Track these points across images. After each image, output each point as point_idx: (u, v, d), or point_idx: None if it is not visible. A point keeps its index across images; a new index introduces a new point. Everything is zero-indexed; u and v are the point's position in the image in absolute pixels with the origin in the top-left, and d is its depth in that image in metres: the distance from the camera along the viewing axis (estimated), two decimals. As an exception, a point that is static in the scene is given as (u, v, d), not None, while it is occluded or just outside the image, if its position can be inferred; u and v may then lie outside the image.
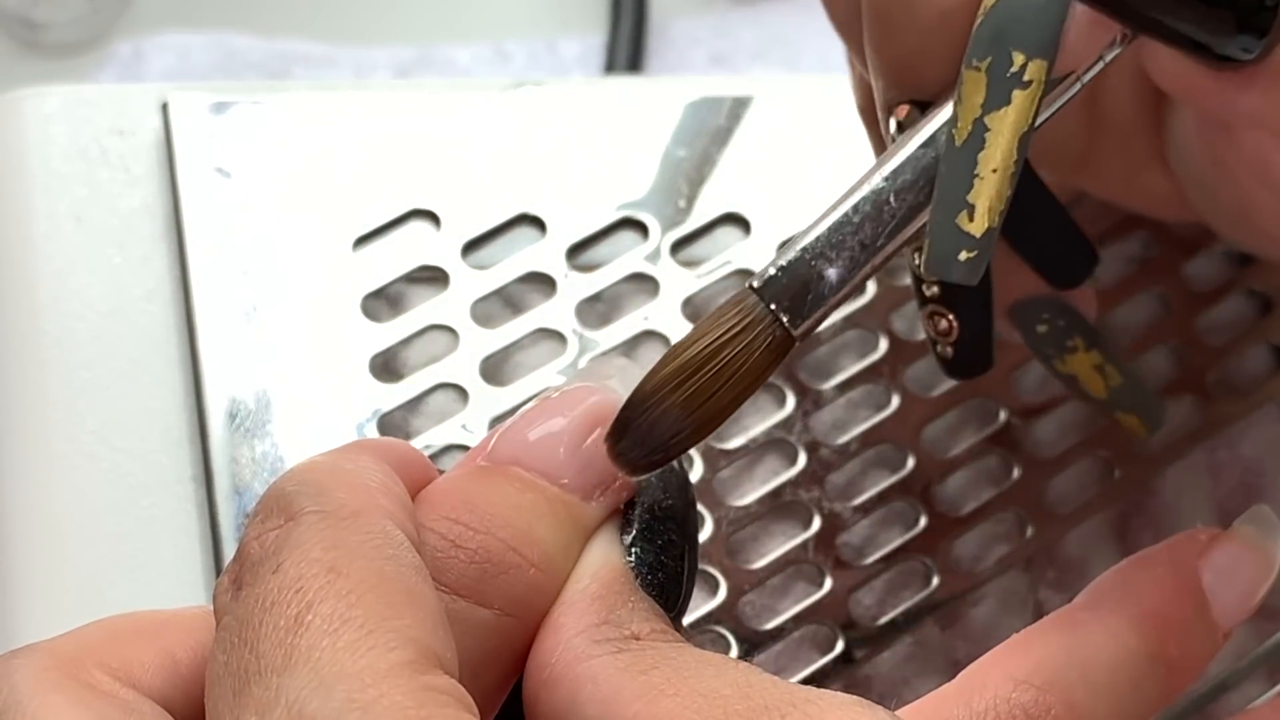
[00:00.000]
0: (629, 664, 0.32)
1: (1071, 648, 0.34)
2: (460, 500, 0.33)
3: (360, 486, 0.32)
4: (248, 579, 0.31)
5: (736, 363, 0.34)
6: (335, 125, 0.49)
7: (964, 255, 0.35)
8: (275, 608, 0.30)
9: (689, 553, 0.34)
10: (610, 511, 0.34)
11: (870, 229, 0.35)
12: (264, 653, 0.29)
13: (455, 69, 0.61)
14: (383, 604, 0.30)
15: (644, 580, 0.34)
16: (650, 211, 0.48)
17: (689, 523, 0.35)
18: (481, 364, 0.46)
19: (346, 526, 0.31)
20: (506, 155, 0.49)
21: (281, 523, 0.31)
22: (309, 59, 0.61)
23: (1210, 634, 0.36)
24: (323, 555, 0.30)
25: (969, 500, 0.46)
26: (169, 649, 0.32)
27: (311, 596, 0.30)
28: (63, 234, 0.47)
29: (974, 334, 0.41)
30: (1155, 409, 0.44)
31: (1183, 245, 0.49)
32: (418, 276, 0.47)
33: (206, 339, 0.46)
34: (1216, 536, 0.37)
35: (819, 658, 0.44)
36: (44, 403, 0.46)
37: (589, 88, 0.51)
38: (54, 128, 0.48)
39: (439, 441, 0.45)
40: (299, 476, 0.32)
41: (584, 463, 0.34)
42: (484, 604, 0.32)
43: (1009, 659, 0.34)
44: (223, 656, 0.30)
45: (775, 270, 0.35)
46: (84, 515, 0.44)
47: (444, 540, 0.33)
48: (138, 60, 0.60)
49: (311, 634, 0.29)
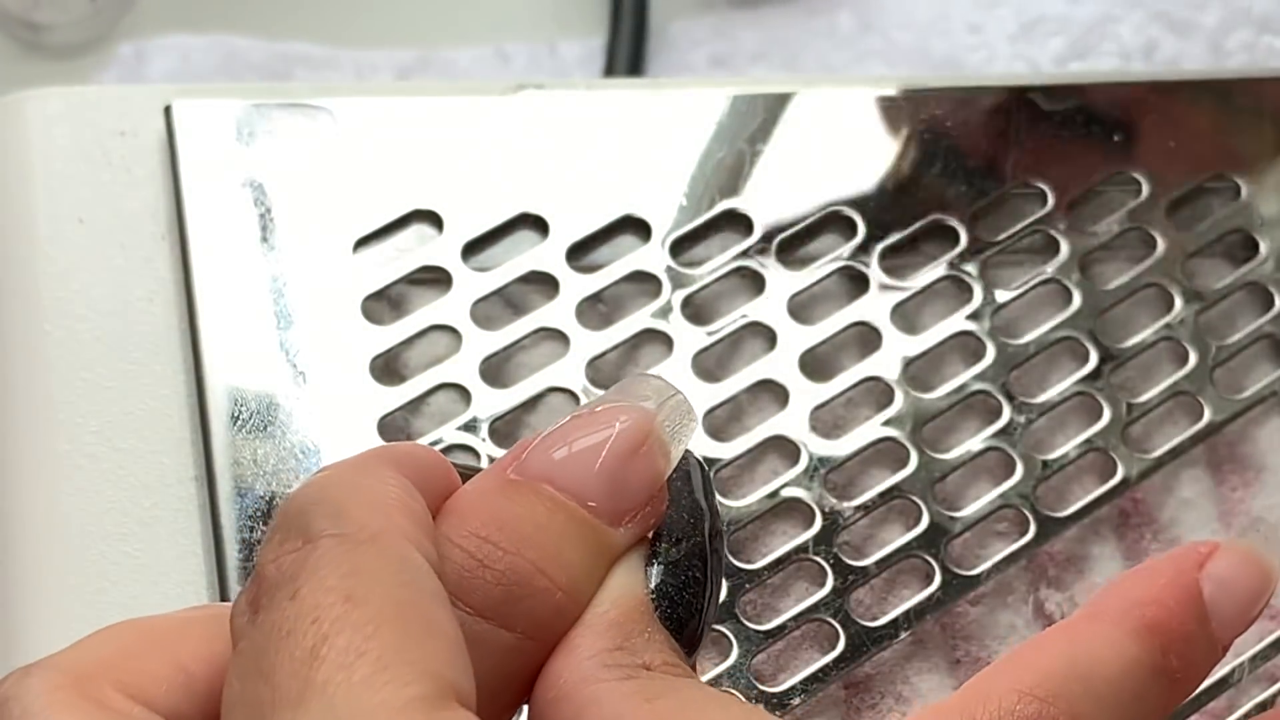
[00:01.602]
0: (635, 691, 0.32)
1: (1075, 659, 0.34)
2: (489, 517, 0.33)
3: (379, 505, 0.32)
4: (264, 603, 0.30)
5: None
6: (337, 127, 0.49)
7: None
8: (291, 637, 0.29)
9: (711, 590, 0.34)
10: (636, 539, 0.34)
11: None
12: (279, 684, 0.29)
13: (456, 71, 0.61)
14: (400, 635, 0.29)
15: (662, 613, 0.33)
16: (651, 212, 0.48)
17: (713, 560, 0.34)
18: (483, 365, 0.46)
19: (364, 551, 0.30)
20: (508, 156, 0.49)
21: (299, 545, 0.31)
22: (310, 61, 0.61)
23: (1211, 646, 0.36)
24: (339, 583, 0.30)
25: (969, 500, 0.46)
26: (182, 662, 0.32)
27: (328, 628, 0.29)
28: (65, 235, 0.47)
29: None
30: None
31: (1182, 244, 0.49)
32: (419, 278, 0.47)
33: (208, 340, 0.46)
34: (1216, 548, 0.37)
35: (819, 657, 0.44)
36: (46, 403, 0.46)
37: (589, 90, 0.51)
38: (56, 129, 0.48)
39: (440, 443, 0.45)
40: (317, 492, 0.32)
41: (615, 488, 0.33)
42: (507, 627, 0.32)
43: (1013, 671, 0.34)
44: (238, 684, 0.30)
45: None
46: (86, 516, 0.44)
47: (471, 559, 0.32)
48: (140, 62, 0.60)
49: (327, 667, 0.29)
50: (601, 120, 0.50)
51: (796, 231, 0.48)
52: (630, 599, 0.33)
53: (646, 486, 0.34)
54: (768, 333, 0.47)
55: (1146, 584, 0.36)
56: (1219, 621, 0.36)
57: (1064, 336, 0.48)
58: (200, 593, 0.44)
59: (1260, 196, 0.50)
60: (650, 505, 0.34)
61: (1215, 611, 0.36)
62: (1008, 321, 0.48)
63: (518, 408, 0.46)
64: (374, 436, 0.45)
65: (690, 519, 0.34)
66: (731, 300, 0.48)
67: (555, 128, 0.49)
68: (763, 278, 0.48)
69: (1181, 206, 0.50)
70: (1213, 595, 0.36)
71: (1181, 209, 0.50)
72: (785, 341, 0.47)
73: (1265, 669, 0.44)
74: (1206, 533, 0.46)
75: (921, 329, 0.48)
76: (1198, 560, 0.37)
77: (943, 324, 0.48)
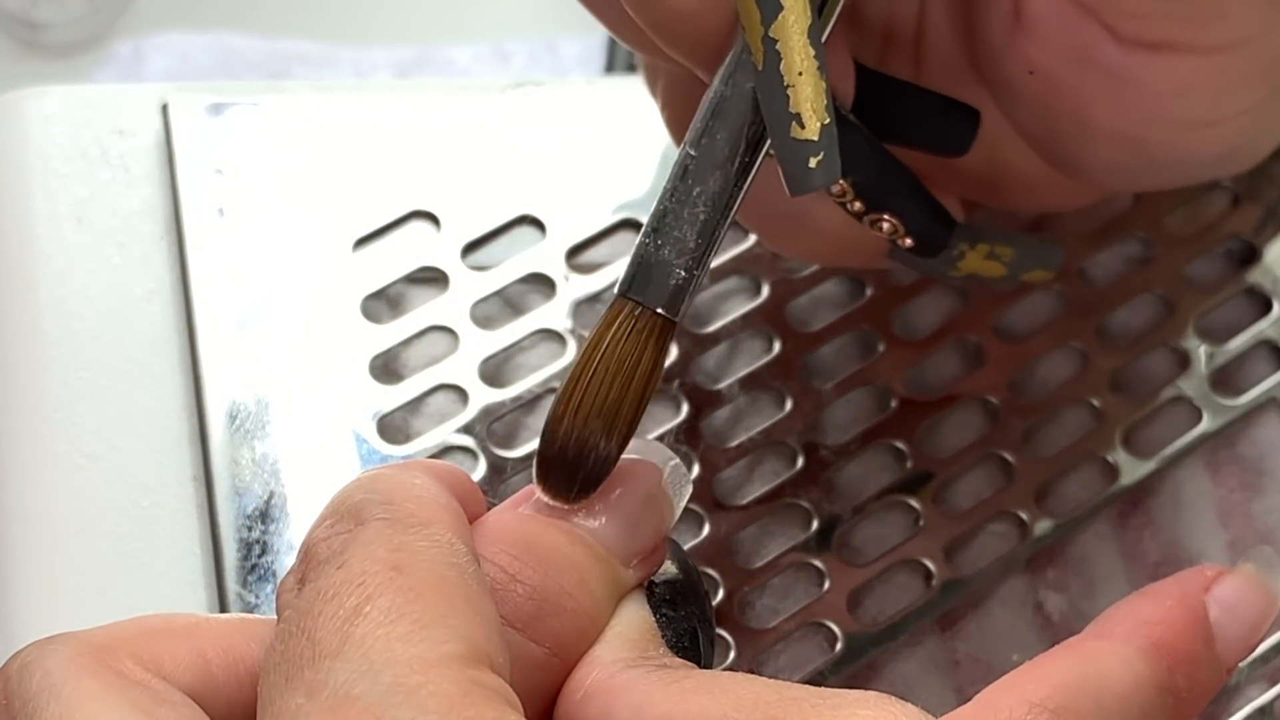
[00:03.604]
0: (663, 678, 0.33)
1: (1085, 674, 0.35)
2: (520, 537, 0.34)
3: (429, 501, 0.33)
4: (311, 575, 0.32)
5: (629, 365, 0.36)
6: (335, 126, 0.49)
7: (813, 161, 0.36)
8: (336, 599, 0.31)
9: (705, 634, 0.36)
10: (640, 582, 0.36)
11: (696, 191, 0.37)
12: (320, 639, 0.30)
13: (455, 69, 0.61)
14: (442, 602, 0.31)
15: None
16: (650, 212, 0.48)
17: (708, 609, 0.37)
18: (481, 365, 0.46)
19: (414, 532, 0.32)
20: (506, 156, 0.49)
21: (351, 527, 0.32)
22: (309, 59, 0.61)
23: (1216, 667, 0.37)
24: (388, 555, 0.31)
25: (969, 500, 0.46)
26: (201, 649, 0.33)
27: (372, 590, 0.30)
28: (63, 234, 0.47)
29: (918, 216, 0.41)
30: (1050, 253, 0.44)
31: (1183, 245, 0.49)
32: (418, 277, 0.47)
33: (206, 339, 0.46)
34: (1222, 573, 0.38)
35: (819, 658, 0.44)
36: (44, 403, 0.46)
37: (589, 88, 0.51)
38: (54, 128, 0.48)
39: (440, 443, 0.45)
40: (368, 485, 0.33)
41: (626, 531, 0.36)
42: (537, 640, 0.33)
43: (1023, 684, 0.35)
44: (280, 645, 0.31)
45: (629, 270, 0.36)
46: (84, 515, 0.44)
47: (504, 573, 0.34)
48: (138, 60, 0.60)
49: (368, 623, 0.30)
50: (601, 119, 0.50)
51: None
52: (642, 623, 0.35)
53: (654, 534, 0.36)
54: (765, 333, 0.47)
55: (1154, 605, 0.37)
56: (1224, 645, 0.37)
57: (1063, 337, 0.48)
58: (199, 592, 0.44)
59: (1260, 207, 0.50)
60: (655, 553, 0.36)
61: (1220, 635, 0.37)
62: (1008, 322, 0.48)
63: (517, 408, 0.46)
64: (374, 436, 0.45)
65: (681, 574, 0.36)
66: (732, 302, 0.48)
67: (555, 126, 0.49)
68: (759, 280, 0.48)
69: (1178, 208, 0.50)
70: (1218, 619, 0.37)
71: (1178, 210, 0.50)
72: (777, 345, 0.47)
73: (1265, 670, 0.44)
74: (1205, 534, 0.46)
75: (922, 327, 0.48)
76: (1204, 584, 0.37)
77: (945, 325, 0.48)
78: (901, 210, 0.41)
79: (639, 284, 0.36)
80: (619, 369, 0.36)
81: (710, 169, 0.37)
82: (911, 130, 0.42)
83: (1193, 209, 0.50)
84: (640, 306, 0.36)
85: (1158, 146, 0.42)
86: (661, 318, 0.36)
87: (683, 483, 0.37)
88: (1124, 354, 0.48)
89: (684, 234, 0.36)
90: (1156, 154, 0.42)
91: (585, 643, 0.34)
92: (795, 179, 0.36)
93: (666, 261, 0.36)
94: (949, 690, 0.44)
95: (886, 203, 0.41)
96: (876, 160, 0.40)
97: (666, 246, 0.36)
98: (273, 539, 0.44)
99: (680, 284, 0.36)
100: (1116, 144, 0.42)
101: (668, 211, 0.37)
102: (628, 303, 0.36)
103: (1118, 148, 0.42)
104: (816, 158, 0.36)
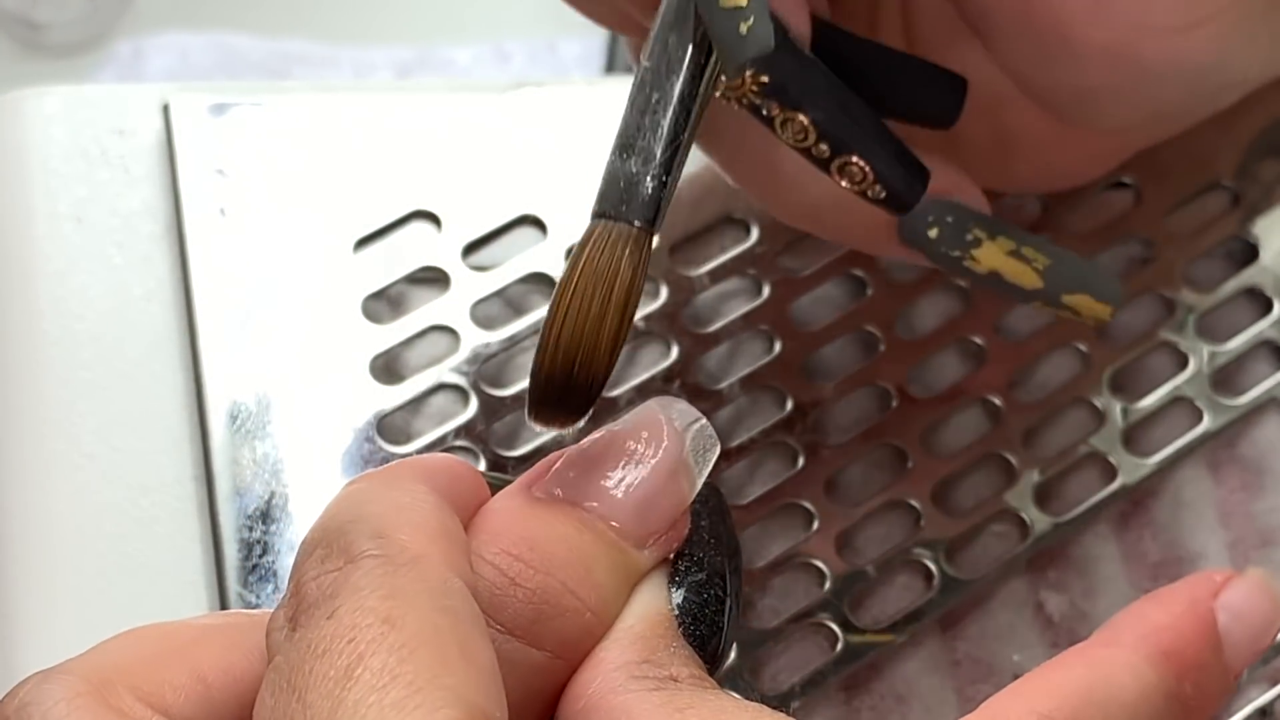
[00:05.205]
0: (664, 701, 0.32)
1: (1093, 683, 0.35)
2: (520, 535, 0.33)
3: (420, 527, 0.32)
4: (302, 620, 0.31)
5: (607, 278, 0.35)
6: (336, 126, 0.49)
7: (743, 28, 0.36)
8: (326, 656, 0.30)
9: (731, 608, 0.35)
10: (659, 561, 0.34)
11: (655, 98, 0.37)
12: (311, 702, 0.29)
13: (455, 69, 0.61)
14: (435, 660, 0.29)
15: (685, 630, 0.34)
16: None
17: (733, 580, 0.35)
18: (482, 365, 0.46)
19: (405, 574, 0.31)
20: (507, 156, 0.49)
21: (340, 564, 0.31)
22: (309, 59, 0.61)
23: (1224, 675, 0.37)
24: (379, 605, 0.30)
25: (969, 500, 0.46)
26: (201, 672, 0.32)
27: (363, 649, 0.29)
28: (63, 234, 0.47)
29: (885, 158, 0.40)
30: (1105, 282, 0.42)
31: (1182, 245, 0.49)
32: (418, 278, 0.47)
33: (207, 339, 0.46)
34: (1230, 578, 0.37)
35: (819, 658, 0.44)
36: (44, 403, 0.46)
37: (589, 88, 0.51)
38: (54, 128, 0.48)
39: (441, 444, 0.45)
40: (355, 509, 0.32)
41: (642, 511, 0.34)
42: (536, 645, 0.33)
43: (1031, 693, 0.34)
44: (270, 700, 0.30)
45: (600, 190, 0.36)
46: (84, 515, 0.44)
47: (503, 577, 0.33)
48: (138, 60, 0.60)
49: (360, 688, 0.29)
50: (602, 119, 0.50)
51: (797, 233, 0.48)
52: (655, 615, 0.34)
53: (672, 510, 0.34)
54: (766, 334, 0.47)
55: (1162, 611, 0.36)
56: (1231, 651, 0.37)
57: (1064, 337, 0.48)
58: (199, 592, 0.44)
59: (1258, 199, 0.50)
60: (674, 529, 0.34)
61: (1228, 641, 0.37)
62: (1009, 322, 0.48)
63: (517, 408, 0.46)
64: (375, 436, 0.45)
65: (710, 539, 0.35)
66: (732, 303, 0.48)
67: (555, 127, 0.49)
68: (760, 282, 0.48)
69: (1178, 208, 0.50)
70: (1226, 625, 0.37)
71: (1178, 210, 0.50)
72: (778, 346, 0.47)
73: (1265, 670, 0.44)
74: (1206, 534, 0.46)
75: (923, 328, 0.48)
76: (1212, 590, 0.37)
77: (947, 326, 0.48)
78: (867, 150, 0.39)
79: (611, 201, 0.36)
80: (598, 284, 0.35)
81: (665, 74, 0.36)
82: (899, 99, 0.41)
83: (1193, 209, 0.50)
84: (614, 222, 0.36)
85: (1149, 57, 0.41)
86: (637, 229, 0.35)
87: (707, 448, 0.35)
88: (1124, 354, 0.48)
89: (648, 143, 0.36)
90: (1149, 66, 0.41)
91: (591, 640, 0.33)
92: (730, 51, 0.36)
93: (634, 174, 0.36)
94: (949, 690, 0.44)
95: (850, 142, 0.39)
96: (837, 96, 0.39)
97: (633, 159, 0.36)
98: (273, 539, 0.44)
99: (651, 193, 0.36)
100: (1107, 63, 0.41)
101: (629, 124, 0.36)
102: (601, 221, 0.36)
103: (1109, 67, 0.41)
104: (746, 23, 0.36)
